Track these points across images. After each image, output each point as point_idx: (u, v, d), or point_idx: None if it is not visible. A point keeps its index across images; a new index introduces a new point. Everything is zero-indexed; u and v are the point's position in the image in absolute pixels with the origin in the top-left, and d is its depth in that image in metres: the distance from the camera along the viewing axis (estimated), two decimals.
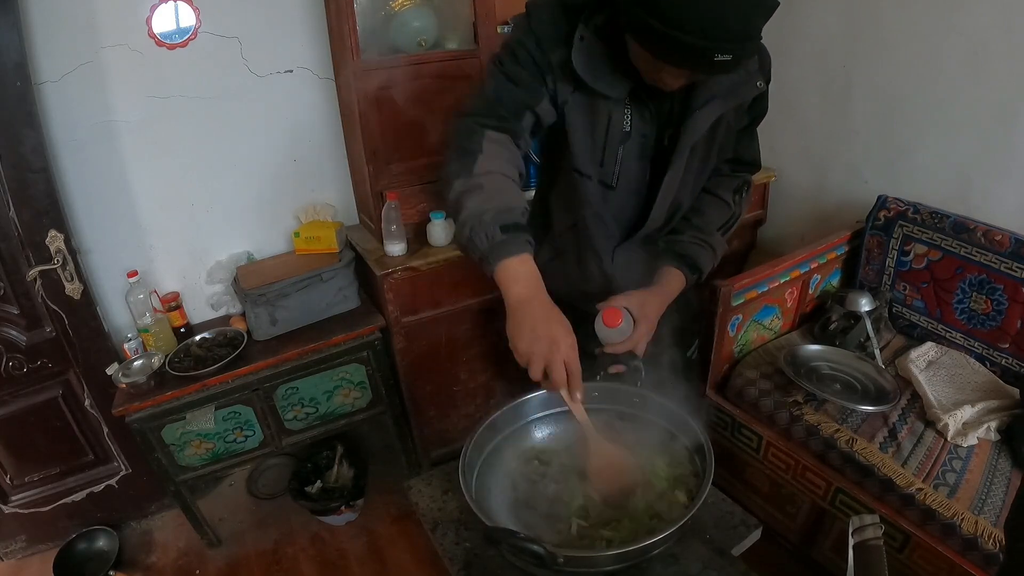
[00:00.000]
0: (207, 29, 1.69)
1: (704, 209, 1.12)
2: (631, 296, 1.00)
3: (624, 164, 1.00)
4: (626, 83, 0.92)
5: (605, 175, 1.02)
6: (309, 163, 1.99)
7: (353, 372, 1.86)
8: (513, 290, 0.84)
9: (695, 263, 1.07)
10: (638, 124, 0.97)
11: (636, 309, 0.98)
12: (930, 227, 1.70)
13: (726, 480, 1.77)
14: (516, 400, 0.98)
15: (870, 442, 1.43)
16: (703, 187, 1.11)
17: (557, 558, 0.72)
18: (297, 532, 1.97)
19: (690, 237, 1.09)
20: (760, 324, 1.80)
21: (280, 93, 1.85)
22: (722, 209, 1.12)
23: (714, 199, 1.12)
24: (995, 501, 1.29)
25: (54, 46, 1.54)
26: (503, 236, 0.84)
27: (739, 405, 1.69)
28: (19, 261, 1.59)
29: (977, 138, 1.65)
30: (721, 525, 0.91)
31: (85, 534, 1.89)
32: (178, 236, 1.88)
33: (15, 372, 1.69)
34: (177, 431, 1.68)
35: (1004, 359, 1.61)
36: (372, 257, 1.80)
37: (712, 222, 1.11)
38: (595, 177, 1.03)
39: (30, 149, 1.49)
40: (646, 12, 0.75)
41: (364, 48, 1.64)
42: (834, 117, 2.00)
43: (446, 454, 2.07)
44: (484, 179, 0.88)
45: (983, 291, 1.61)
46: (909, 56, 1.74)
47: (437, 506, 0.99)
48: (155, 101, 1.70)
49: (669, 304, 1.04)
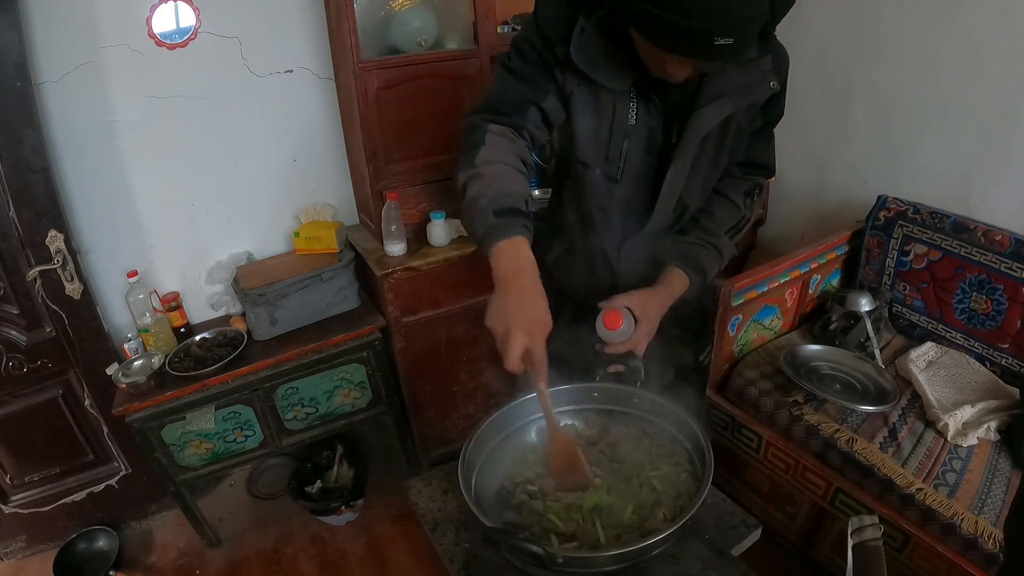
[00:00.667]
0: (207, 29, 1.69)
1: (713, 210, 1.10)
2: (633, 296, 0.99)
3: (629, 157, 1.00)
4: (629, 75, 0.92)
5: (610, 168, 1.02)
6: (309, 163, 1.99)
7: (353, 372, 1.86)
8: (500, 270, 0.83)
9: (699, 265, 1.06)
10: (644, 117, 0.97)
11: (638, 309, 0.98)
12: (930, 227, 1.70)
13: (726, 480, 1.77)
14: (516, 400, 0.98)
15: (870, 442, 1.43)
16: (714, 188, 1.11)
17: (556, 558, 0.72)
18: (297, 532, 1.97)
19: (696, 238, 1.08)
20: (760, 324, 1.80)
21: (280, 93, 1.85)
22: (732, 211, 1.11)
23: (724, 200, 1.11)
24: (995, 501, 1.29)
25: (54, 46, 1.55)
26: (496, 220, 0.84)
27: (739, 405, 1.69)
28: (19, 261, 1.59)
29: (977, 138, 1.65)
30: (721, 525, 0.91)
31: (85, 534, 1.89)
32: (178, 236, 1.88)
33: (15, 372, 1.69)
34: (177, 431, 1.68)
35: (1004, 359, 1.61)
36: (372, 257, 1.80)
37: (721, 224, 1.10)
38: (600, 170, 1.03)
39: (30, 149, 1.49)
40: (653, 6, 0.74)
41: (364, 48, 1.64)
42: (834, 117, 2.00)
43: (446, 454, 2.07)
44: (484, 168, 0.89)
45: (983, 291, 1.61)
46: (909, 56, 1.74)
47: (437, 506, 0.99)
48: (155, 101, 1.70)
49: (671, 305, 1.04)
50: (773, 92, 0.99)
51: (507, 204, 0.85)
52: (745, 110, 1.00)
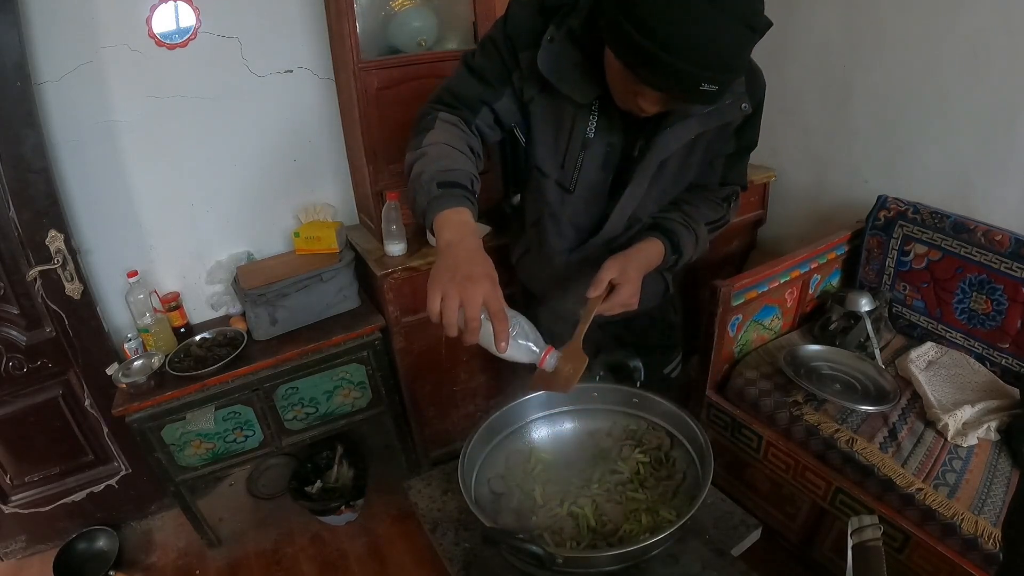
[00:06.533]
0: (207, 29, 1.69)
1: (697, 203, 1.08)
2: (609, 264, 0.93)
3: (584, 170, 0.99)
4: (595, 88, 0.90)
5: (564, 178, 1.01)
6: (309, 163, 1.99)
7: (353, 372, 1.86)
8: (443, 238, 0.80)
9: (678, 243, 1.01)
10: (603, 132, 0.95)
11: (617, 275, 0.92)
12: (930, 227, 1.70)
13: (726, 480, 1.77)
14: (516, 400, 0.98)
15: (870, 442, 1.43)
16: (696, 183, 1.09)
17: (556, 558, 0.72)
18: (297, 532, 1.97)
19: (679, 217, 1.05)
20: (760, 324, 1.80)
21: (280, 93, 1.85)
22: (714, 207, 1.09)
23: (707, 196, 1.09)
24: (995, 501, 1.29)
25: (54, 46, 1.54)
26: (439, 191, 0.82)
27: (739, 405, 1.69)
28: (19, 261, 1.59)
29: (977, 138, 1.65)
30: (721, 525, 0.91)
31: (85, 534, 1.89)
32: (178, 236, 1.88)
33: (15, 372, 1.69)
34: (177, 431, 1.68)
35: (1004, 359, 1.61)
36: (372, 257, 1.80)
37: (703, 215, 1.07)
38: (554, 178, 1.02)
39: (30, 149, 1.49)
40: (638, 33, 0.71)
41: (364, 48, 1.64)
42: (834, 117, 2.00)
43: (446, 454, 2.07)
44: (429, 148, 0.89)
45: (983, 291, 1.61)
46: (909, 56, 1.74)
47: (437, 506, 0.99)
48: (155, 101, 1.70)
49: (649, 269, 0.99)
50: (745, 114, 0.96)
51: (450, 178, 0.84)
52: (716, 131, 0.97)
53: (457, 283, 0.72)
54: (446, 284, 0.73)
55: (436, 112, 0.95)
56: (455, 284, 0.72)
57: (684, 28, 0.69)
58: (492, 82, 0.95)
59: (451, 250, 0.77)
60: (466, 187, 0.85)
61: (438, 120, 0.93)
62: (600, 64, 0.86)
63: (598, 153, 0.97)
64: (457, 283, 0.72)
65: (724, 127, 0.98)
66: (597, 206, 1.04)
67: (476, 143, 0.95)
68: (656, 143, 0.94)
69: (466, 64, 0.98)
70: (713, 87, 0.73)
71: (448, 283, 0.73)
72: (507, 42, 0.93)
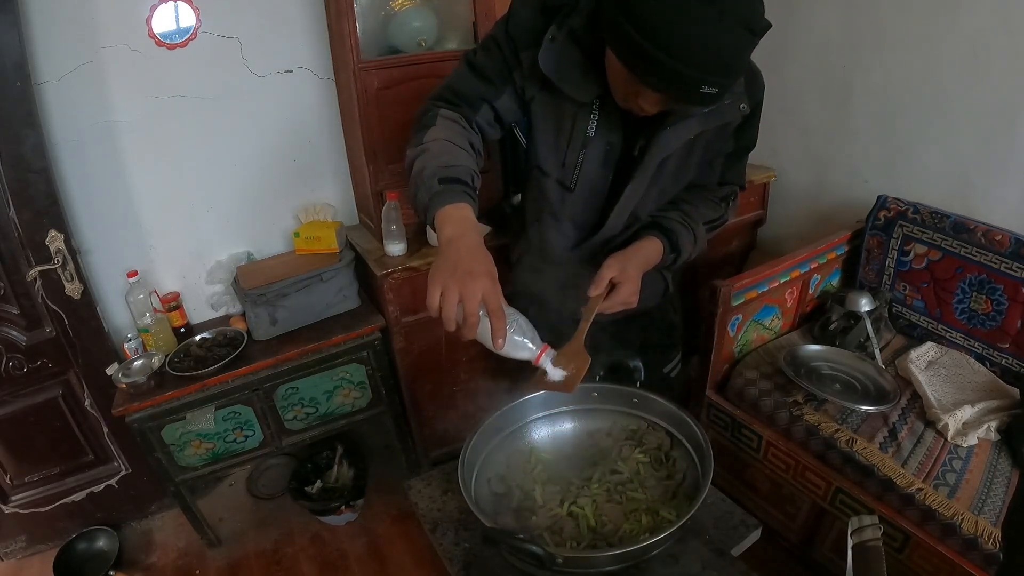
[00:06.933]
0: (207, 29, 1.69)
1: (696, 202, 1.09)
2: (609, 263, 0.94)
3: (585, 168, 1.00)
4: (596, 87, 0.91)
5: (565, 176, 1.02)
6: (309, 163, 1.99)
7: (353, 372, 1.86)
8: (443, 233, 0.80)
9: (676, 241, 1.03)
10: (604, 130, 0.96)
11: (618, 273, 0.94)
12: (930, 227, 1.70)
13: (726, 480, 1.77)
14: (516, 400, 0.98)
15: (870, 442, 1.43)
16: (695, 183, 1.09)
17: (556, 558, 0.72)
18: (297, 532, 1.97)
19: (678, 216, 1.05)
20: (760, 324, 1.80)
21: (280, 93, 1.85)
22: (713, 207, 1.10)
23: (706, 195, 1.10)
24: (995, 501, 1.29)
25: (54, 46, 1.54)
26: (440, 187, 0.83)
27: (739, 405, 1.69)
28: (19, 261, 1.59)
29: (977, 138, 1.65)
30: (721, 525, 0.91)
31: (85, 534, 1.89)
32: (178, 236, 1.88)
33: (15, 372, 1.69)
34: (177, 431, 1.68)
35: (1004, 359, 1.61)
36: (372, 257, 1.80)
37: (702, 214, 1.08)
38: (555, 177, 1.03)
39: (30, 149, 1.49)
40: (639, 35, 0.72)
41: (364, 48, 1.64)
42: (834, 117, 2.00)
43: (446, 454, 2.07)
44: (431, 144, 0.89)
45: (983, 291, 1.61)
46: (909, 56, 1.74)
47: (437, 506, 0.99)
48: (155, 101, 1.70)
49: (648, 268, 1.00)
50: (744, 114, 0.97)
51: (451, 174, 0.84)
52: (716, 131, 0.98)
53: (457, 278, 0.73)
54: (446, 279, 0.74)
55: (437, 109, 0.95)
56: (455, 279, 0.73)
57: (684, 30, 0.70)
58: (493, 80, 0.95)
59: (452, 246, 0.78)
60: (467, 183, 0.85)
61: (439, 117, 0.93)
62: (601, 64, 0.87)
63: (598, 152, 0.98)
64: (457, 278, 0.73)
65: (723, 127, 0.99)
66: (597, 204, 1.05)
67: (477, 140, 0.95)
68: (656, 142, 0.94)
69: (467, 62, 0.98)
70: (713, 90, 0.74)
71: (448, 278, 0.74)
72: (509, 41, 0.93)
